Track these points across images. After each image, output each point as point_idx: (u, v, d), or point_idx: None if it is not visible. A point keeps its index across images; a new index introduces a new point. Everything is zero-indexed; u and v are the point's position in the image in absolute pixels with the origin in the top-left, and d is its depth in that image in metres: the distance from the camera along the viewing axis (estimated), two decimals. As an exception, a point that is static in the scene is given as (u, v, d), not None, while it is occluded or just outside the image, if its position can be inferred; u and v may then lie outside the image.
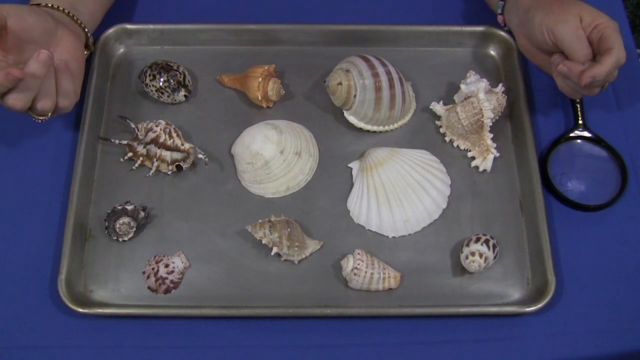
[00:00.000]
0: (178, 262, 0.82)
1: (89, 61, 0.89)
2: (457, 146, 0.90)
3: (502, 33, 0.94)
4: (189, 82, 0.91)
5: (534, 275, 0.82)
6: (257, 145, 0.86)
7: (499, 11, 0.91)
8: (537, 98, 0.93)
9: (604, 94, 0.93)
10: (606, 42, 0.79)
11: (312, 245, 0.83)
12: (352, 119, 0.89)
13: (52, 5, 0.83)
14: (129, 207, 0.83)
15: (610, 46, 0.79)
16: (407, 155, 0.87)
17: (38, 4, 0.83)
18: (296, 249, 0.81)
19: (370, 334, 0.79)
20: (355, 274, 0.79)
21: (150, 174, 0.87)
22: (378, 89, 0.86)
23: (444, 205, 0.86)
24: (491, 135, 0.88)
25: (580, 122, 0.90)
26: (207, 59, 0.95)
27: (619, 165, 0.88)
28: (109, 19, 0.94)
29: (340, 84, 0.87)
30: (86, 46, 0.87)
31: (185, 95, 0.91)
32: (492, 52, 0.97)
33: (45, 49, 0.75)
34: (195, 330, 0.79)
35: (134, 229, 0.82)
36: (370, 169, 0.86)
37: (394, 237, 0.84)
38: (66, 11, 0.84)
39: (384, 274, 0.80)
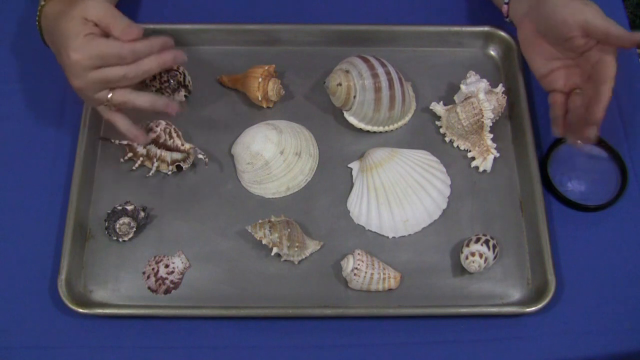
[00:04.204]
0: (178, 263, 0.82)
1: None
2: (457, 146, 0.90)
3: (502, 33, 0.94)
4: (189, 82, 0.91)
5: (534, 276, 0.82)
6: (257, 145, 0.86)
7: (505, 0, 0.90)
8: (537, 98, 0.93)
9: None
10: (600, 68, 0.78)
11: (312, 246, 0.83)
12: (352, 119, 0.89)
13: None
14: (129, 207, 0.83)
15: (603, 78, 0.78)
16: (407, 156, 0.87)
17: None
18: (296, 249, 0.81)
19: (370, 334, 0.79)
20: (355, 274, 0.79)
21: (150, 174, 0.87)
22: (378, 90, 0.86)
23: (444, 206, 0.86)
24: (491, 136, 0.88)
25: (580, 122, 0.90)
26: (207, 59, 0.95)
27: (619, 165, 0.88)
28: (109, 19, 0.94)
29: (339, 84, 0.87)
30: None
31: (185, 95, 0.91)
32: (492, 53, 0.97)
33: None
34: (195, 330, 0.79)
35: (134, 229, 0.82)
36: (370, 170, 0.86)
37: (394, 237, 0.84)
38: None
39: (384, 274, 0.80)
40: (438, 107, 0.91)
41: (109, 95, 0.77)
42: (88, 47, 0.74)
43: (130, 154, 0.87)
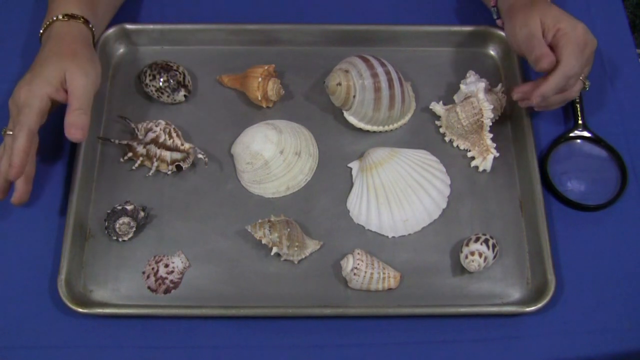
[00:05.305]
0: (178, 262, 0.82)
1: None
2: (457, 146, 0.90)
3: (502, 33, 0.94)
4: (188, 82, 0.92)
5: (533, 275, 0.82)
6: (257, 145, 0.86)
7: (495, 17, 0.91)
8: (537, 98, 0.93)
9: (604, 94, 0.93)
10: (557, 52, 0.79)
11: (312, 245, 0.83)
12: (351, 119, 0.89)
13: (85, 19, 0.85)
14: (129, 207, 0.83)
15: (559, 58, 0.79)
16: (407, 155, 0.87)
17: (72, 15, 0.83)
18: (296, 249, 0.81)
19: (370, 334, 0.79)
20: (355, 274, 0.79)
21: (150, 174, 0.87)
22: (377, 89, 0.86)
23: (444, 205, 0.86)
24: (491, 135, 0.88)
25: (580, 122, 0.90)
26: (207, 59, 0.95)
27: (618, 165, 0.88)
28: (109, 19, 0.94)
29: (339, 84, 0.87)
30: None
31: (185, 95, 0.91)
32: (492, 52, 0.97)
33: None
34: (195, 330, 0.79)
35: (134, 229, 0.82)
36: (370, 169, 0.86)
37: (393, 237, 0.84)
38: (91, 27, 0.86)
39: (383, 274, 0.80)
40: (438, 107, 0.91)
41: (7, 132, 0.79)
42: (33, 102, 0.77)
43: (130, 154, 0.87)
